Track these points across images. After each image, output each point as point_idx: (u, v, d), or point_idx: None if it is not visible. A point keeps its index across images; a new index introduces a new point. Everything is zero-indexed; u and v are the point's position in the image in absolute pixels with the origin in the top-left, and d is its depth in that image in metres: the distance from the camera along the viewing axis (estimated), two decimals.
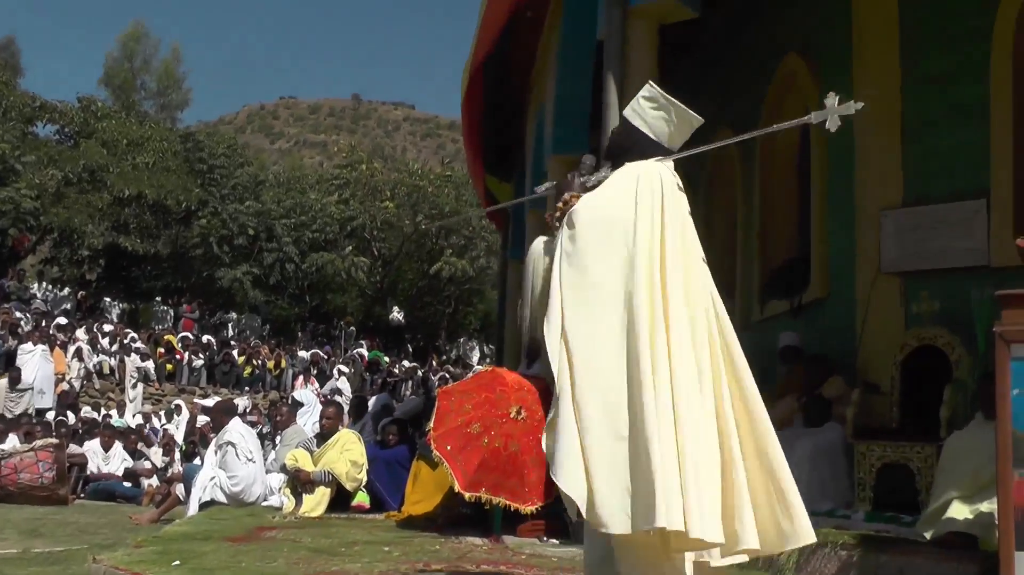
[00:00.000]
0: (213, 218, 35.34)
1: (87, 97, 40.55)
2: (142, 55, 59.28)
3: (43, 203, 31.48)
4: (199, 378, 24.97)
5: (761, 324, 10.07)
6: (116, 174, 34.15)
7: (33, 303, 28.11)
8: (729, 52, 11.37)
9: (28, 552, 7.90)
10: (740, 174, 11.07)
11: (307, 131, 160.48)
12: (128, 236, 34.18)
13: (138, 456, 16.21)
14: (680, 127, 3.95)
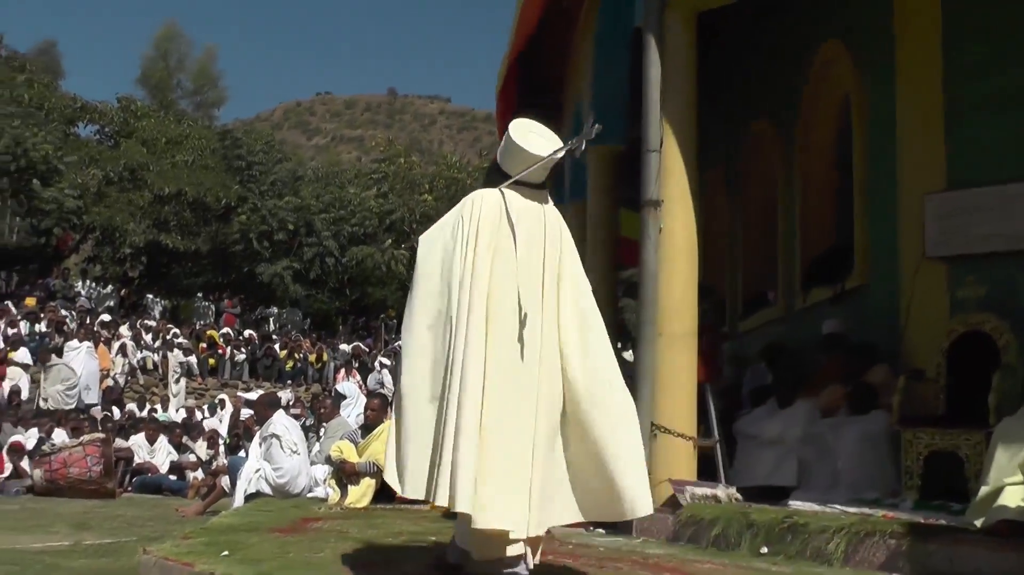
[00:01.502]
0: (253, 214, 35.53)
1: (126, 97, 41.01)
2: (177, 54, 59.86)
3: (85, 202, 31.83)
4: (241, 372, 25.17)
5: (804, 312, 10.00)
6: (156, 172, 34.47)
7: (78, 301, 28.44)
8: (765, 39, 11.29)
9: (79, 545, 7.99)
10: (779, 162, 10.99)
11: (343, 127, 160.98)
12: (169, 233, 34.46)
13: (183, 450, 16.37)
14: (517, 160, 4.47)
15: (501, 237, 4.34)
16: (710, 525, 6.25)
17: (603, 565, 5.15)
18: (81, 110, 37.59)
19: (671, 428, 6.84)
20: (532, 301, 4.28)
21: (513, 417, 4.10)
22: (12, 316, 22.81)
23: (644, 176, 7.11)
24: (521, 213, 4.41)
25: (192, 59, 61.79)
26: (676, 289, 7.04)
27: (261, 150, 38.36)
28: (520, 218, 4.39)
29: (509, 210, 4.39)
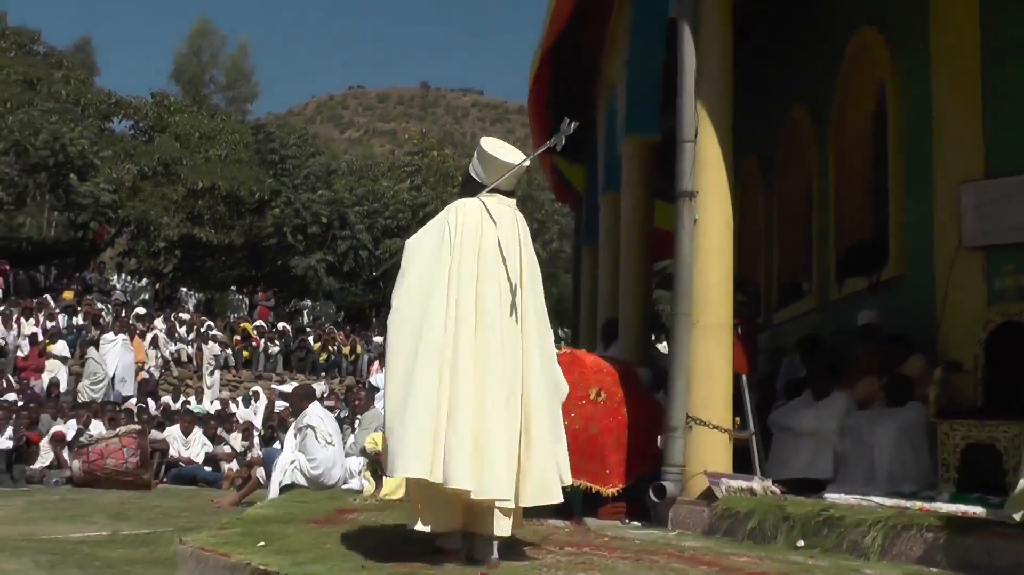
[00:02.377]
0: (286, 208, 35.69)
1: (160, 92, 41.23)
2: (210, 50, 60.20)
3: (120, 196, 32.08)
4: (275, 364, 25.29)
5: (839, 303, 9.94)
6: (189, 167, 34.68)
7: (113, 294, 28.68)
8: (799, 26, 11.21)
9: (116, 535, 8.08)
10: (814, 151, 10.91)
11: (376, 120, 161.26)
12: (202, 227, 34.70)
13: (218, 441, 16.47)
14: (492, 170, 5.02)
15: (484, 241, 4.86)
16: (746, 518, 6.21)
17: (639, 558, 5.14)
18: (116, 105, 37.86)
19: (706, 420, 6.81)
20: (510, 298, 4.85)
21: (496, 403, 4.65)
22: (50, 309, 23.05)
23: (679, 167, 7.07)
24: (500, 219, 4.95)
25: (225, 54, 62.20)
26: (711, 280, 7.01)
27: (294, 144, 38.50)
28: (499, 223, 4.93)
29: (492, 215, 4.92)
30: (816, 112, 10.83)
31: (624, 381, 7.36)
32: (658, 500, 6.79)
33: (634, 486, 7.08)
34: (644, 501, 6.97)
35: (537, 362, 4.90)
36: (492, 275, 4.83)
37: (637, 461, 7.11)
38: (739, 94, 7.38)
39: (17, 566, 6.11)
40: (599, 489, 6.99)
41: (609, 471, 7.02)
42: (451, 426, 4.55)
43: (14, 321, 21.22)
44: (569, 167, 16.22)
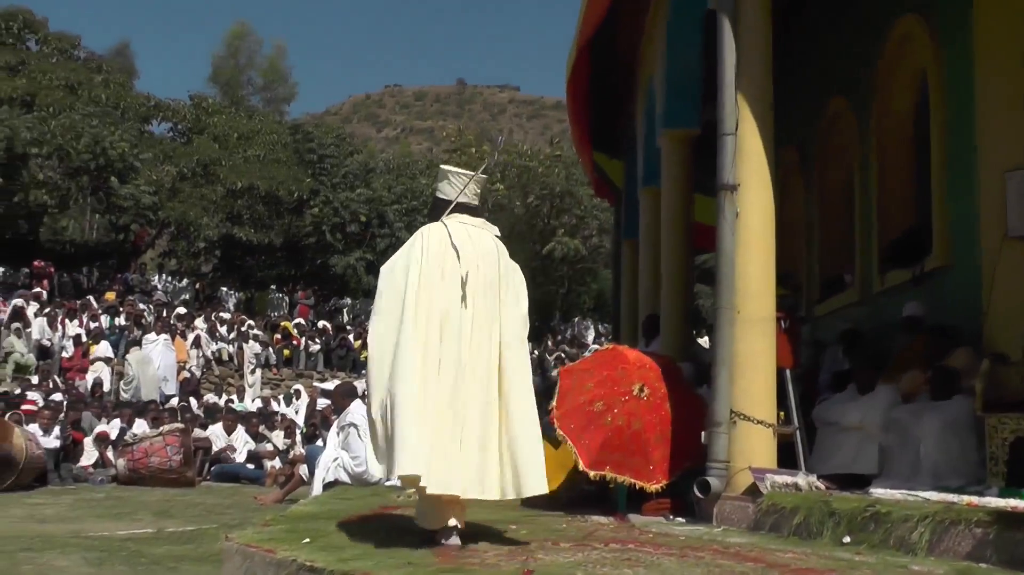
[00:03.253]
0: (325, 207, 35.86)
1: (198, 95, 41.59)
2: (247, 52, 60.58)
3: (160, 198, 32.39)
4: (316, 363, 25.40)
5: (882, 295, 9.84)
6: (228, 167, 34.96)
7: (154, 295, 28.97)
8: (839, 15, 11.11)
9: (162, 532, 8.17)
10: (854, 142, 10.81)
11: (413, 118, 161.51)
12: (242, 227, 34.95)
13: (260, 439, 16.57)
14: (453, 183, 5.62)
15: (447, 260, 5.33)
16: (791, 514, 6.14)
17: (684, 554, 5.11)
18: (155, 108, 38.24)
19: (750, 415, 6.76)
20: (476, 308, 5.33)
21: (459, 403, 5.12)
22: (93, 310, 23.32)
23: (720, 160, 7.02)
24: (463, 240, 5.42)
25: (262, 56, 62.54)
26: (753, 273, 6.95)
27: (332, 143, 38.67)
28: (462, 244, 5.39)
29: (452, 239, 5.38)
30: (857, 102, 10.72)
31: (667, 376, 7.32)
32: (702, 496, 6.74)
33: (678, 482, 7.03)
34: (688, 497, 6.91)
35: (514, 363, 5.42)
36: (457, 290, 5.30)
37: (681, 457, 7.07)
38: (778, 85, 7.31)
39: (67, 563, 6.20)
40: (643, 485, 6.95)
41: (653, 467, 6.98)
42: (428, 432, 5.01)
43: (59, 322, 21.50)
44: (608, 162, 16.17)
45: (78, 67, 36.77)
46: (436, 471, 4.99)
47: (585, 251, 37.65)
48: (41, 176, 29.40)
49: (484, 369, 5.27)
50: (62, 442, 13.83)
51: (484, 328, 5.33)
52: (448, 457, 5.04)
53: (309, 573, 4.77)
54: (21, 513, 9.48)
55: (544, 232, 38.15)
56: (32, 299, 22.98)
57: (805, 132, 12.25)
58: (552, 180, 37.04)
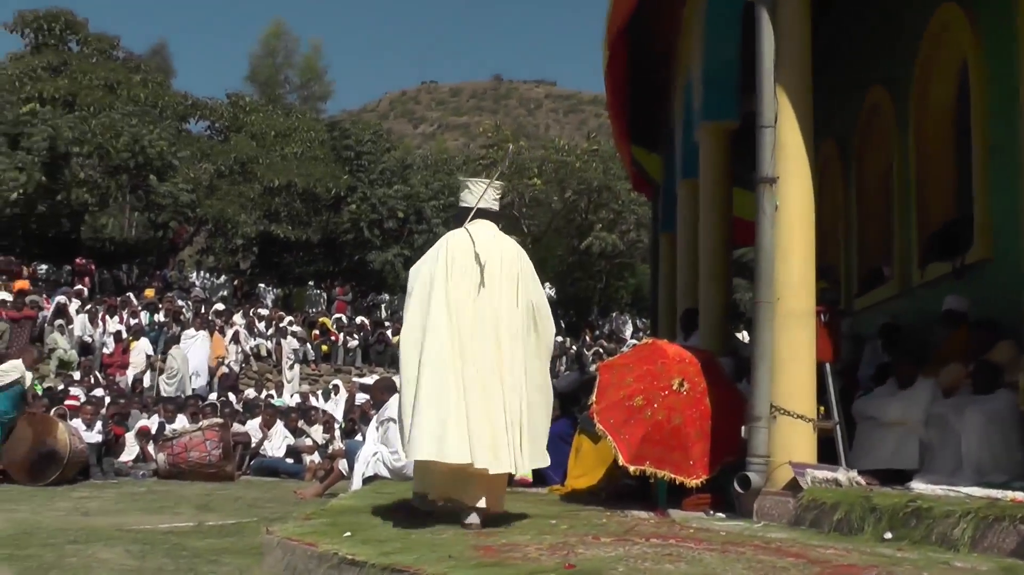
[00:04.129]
0: (362, 203, 36.02)
1: (235, 93, 41.89)
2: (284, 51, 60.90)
3: (198, 196, 32.64)
4: (354, 358, 25.47)
5: (922, 288, 9.73)
6: (266, 165, 35.20)
7: (193, 291, 29.22)
8: (877, 5, 11.00)
9: (202, 525, 8.23)
10: (894, 133, 10.71)
11: (449, 114, 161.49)
12: (279, 224, 35.19)
13: (299, 434, 16.66)
14: (472, 193, 6.27)
15: (469, 260, 5.94)
16: (832, 509, 6.10)
17: (726, 550, 5.09)
18: (192, 107, 38.57)
19: (790, 410, 6.72)
20: (493, 304, 5.90)
21: (480, 388, 5.70)
22: (133, 307, 23.56)
23: (759, 152, 6.97)
24: (486, 240, 6.06)
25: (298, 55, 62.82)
26: (793, 266, 6.90)
27: (369, 140, 38.82)
28: (486, 244, 6.03)
29: (475, 240, 6.01)
30: (896, 93, 10.61)
31: (707, 370, 7.28)
32: (742, 491, 6.71)
33: (718, 477, 7.00)
34: (728, 492, 6.89)
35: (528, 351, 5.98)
36: (474, 290, 5.90)
37: (721, 452, 7.03)
38: (816, 76, 7.26)
39: (110, 555, 6.25)
40: (683, 480, 6.92)
41: (693, 462, 6.95)
42: (447, 415, 5.59)
43: (100, 319, 21.72)
44: (646, 156, 16.10)
45: (117, 67, 37.14)
46: (452, 444, 5.56)
47: (623, 246, 37.54)
48: (82, 175, 29.76)
49: (507, 359, 5.84)
50: (103, 437, 13.97)
51: (504, 322, 5.89)
52: (463, 432, 5.58)
53: (351, 566, 4.79)
54: (66, 506, 9.59)
55: (582, 227, 38.08)
56: (74, 296, 23.28)
57: (843, 124, 12.14)
58: (589, 175, 36.89)
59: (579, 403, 9.48)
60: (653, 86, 13.31)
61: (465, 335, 5.79)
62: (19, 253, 29.09)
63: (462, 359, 5.73)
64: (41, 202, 29.69)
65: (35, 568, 5.67)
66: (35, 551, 6.36)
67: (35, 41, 36.37)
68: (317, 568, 5.04)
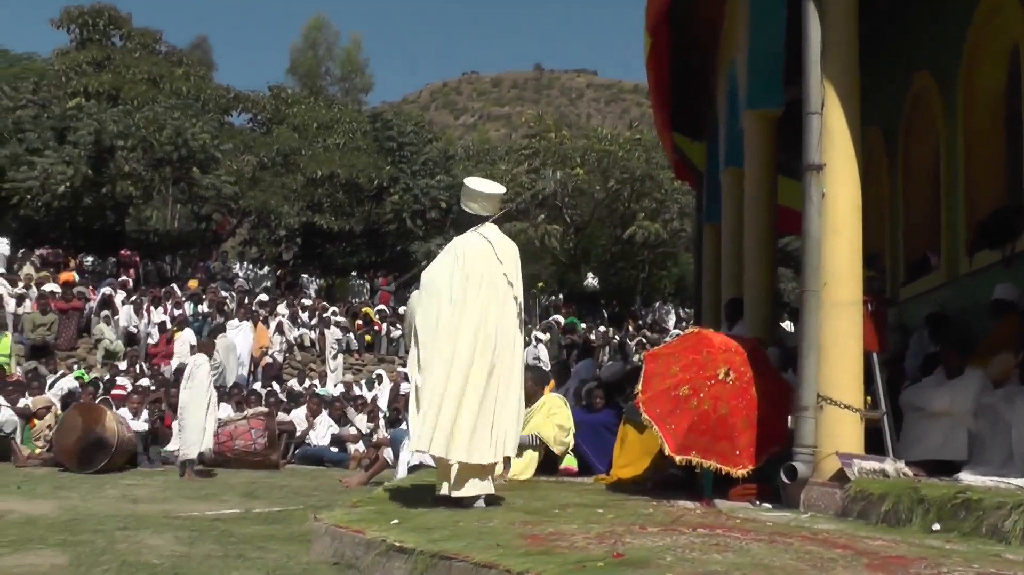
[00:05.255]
0: (405, 194, 36.05)
1: (277, 86, 42.07)
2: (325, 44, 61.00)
3: (241, 187, 32.82)
4: (398, 348, 25.42)
5: (970, 277, 9.62)
6: (308, 156, 35.34)
7: (236, 282, 29.35)
8: None
9: (249, 512, 8.30)
10: (941, 120, 10.56)
11: (490, 105, 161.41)
12: (322, 215, 35.30)
13: (344, 423, 16.74)
14: (486, 202, 6.64)
15: (477, 265, 6.30)
16: (879, 500, 6.06)
17: (773, 540, 5.07)
18: (234, 100, 38.80)
19: (837, 400, 6.67)
20: (508, 308, 6.34)
21: (485, 387, 6.13)
22: (177, 298, 23.73)
23: (805, 139, 6.91)
24: (501, 249, 6.46)
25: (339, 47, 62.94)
26: (840, 255, 6.84)
27: (411, 131, 38.82)
28: (501, 253, 6.43)
29: (495, 249, 6.43)
30: (943, 79, 10.47)
31: (753, 360, 7.23)
32: (789, 482, 6.67)
33: (764, 467, 6.96)
34: (774, 483, 6.85)
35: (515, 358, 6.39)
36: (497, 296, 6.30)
37: (767, 442, 6.99)
38: (861, 62, 7.19)
39: (159, 542, 6.32)
40: (729, 470, 6.90)
41: (739, 452, 6.91)
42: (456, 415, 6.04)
43: (144, 310, 21.92)
44: (689, 144, 15.98)
45: (160, 61, 37.45)
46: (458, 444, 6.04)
47: (666, 235, 37.14)
48: (127, 168, 29.97)
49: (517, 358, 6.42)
50: (149, 425, 14.11)
51: (513, 323, 6.35)
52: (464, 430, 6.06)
53: (399, 553, 4.83)
54: (115, 494, 9.71)
55: (625, 216, 37.74)
56: (119, 287, 23.48)
57: (888, 110, 11.98)
58: (632, 164, 36.50)
59: (624, 392, 9.45)
60: (695, 74, 13.21)
61: (490, 340, 6.20)
62: (66, 245, 29.43)
63: (484, 362, 6.17)
64: (87, 195, 29.96)
65: (87, 554, 5.73)
66: (87, 537, 6.44)
67: (80, 36, 36.73)
68: (365, 555, 5.08)
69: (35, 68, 36.54)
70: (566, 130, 40.90)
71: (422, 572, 4.64)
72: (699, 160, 16.07)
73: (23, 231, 29.97)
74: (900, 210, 11.98)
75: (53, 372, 17.78)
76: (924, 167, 11.29)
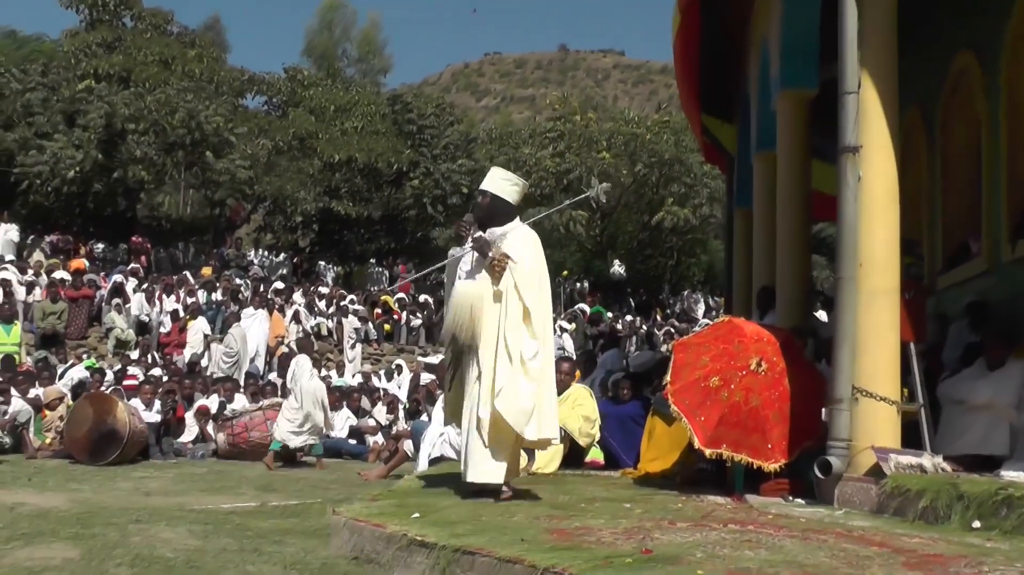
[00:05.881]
0: (425, 178, 35.76)
1: (293, 67, 41.84)
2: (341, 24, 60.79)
3: (256, 172, 32.63)
4: (418, 337, 25.30)
5: (1012, 265, 9.38)
6: (325, 140, 35.14)
7: (251, 269, 29.21)
8: None
9: (265, 506, 8.19)
10: (982, 101, 10.30)
11: (514, 86, 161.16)
12: (340, 200, 35.08)
13: (362, 415, 16.60)
14: (520, 192, 6.77)
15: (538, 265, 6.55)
16: (917, 497, 5.95)
17: (807, 537, 4.98)
18: (249, 82, 38.58)
19: (873, 392, 6.50)
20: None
21: None
22: (190, 286, 23.56)
23: (841, 120, 6.73)
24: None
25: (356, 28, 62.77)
26: (877, 242, 6.67)
27: (432, 114, 38.47)
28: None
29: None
30: (985, 58, 10.18)
31: (786, 350, 7.05)
32: (823, 476, 6.52)
33: (797, 461, 6.81)
34: (808, 477, 6.70)
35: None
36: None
37: (800, 435, 6.83)
38: (900, 41, 6.99)
39: (173, 535, 6.24)
40: (761, 464, 6.74)
41: (771, 446, 6.75)
42: None
43: (156, 298, 21.81)
44: (720, 127, 15.75)
45: (172, 42, 37.18)
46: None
47: (695, 221, 36.63)
48: (138, 152, 29.82)
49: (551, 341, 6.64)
50: (162, 416, 13.97)
51: None
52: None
53: (420, 548, 4.78)
54: (127, 486, 9.60)
55: (652, 202, 37.34)
56: (131, 275, 23.36)
57: (928, 90, 11.68)
58: (660, 147, 36.06)
59: (652, 384, 9.27)
60: (726, 53, 12.97)
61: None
62: (76, 232, 29.36)
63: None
64: (98, 180, 29.78)
65: (100, 547, 5.65)
66: (99, 530, 6.35)
67: (90, 17, 36.47)
68: (386, 549, 5.02)
69: (44, 50, 36.49)
70: (592, 113, 40.50)
71: (444, 567, 4.57)
72: (730, 143, 15.83)
73: (33, 217, 29.88)
74: (939, 194, 11.67)
75: (63, 362, 17.68)
76: (965, 150, 11.00)
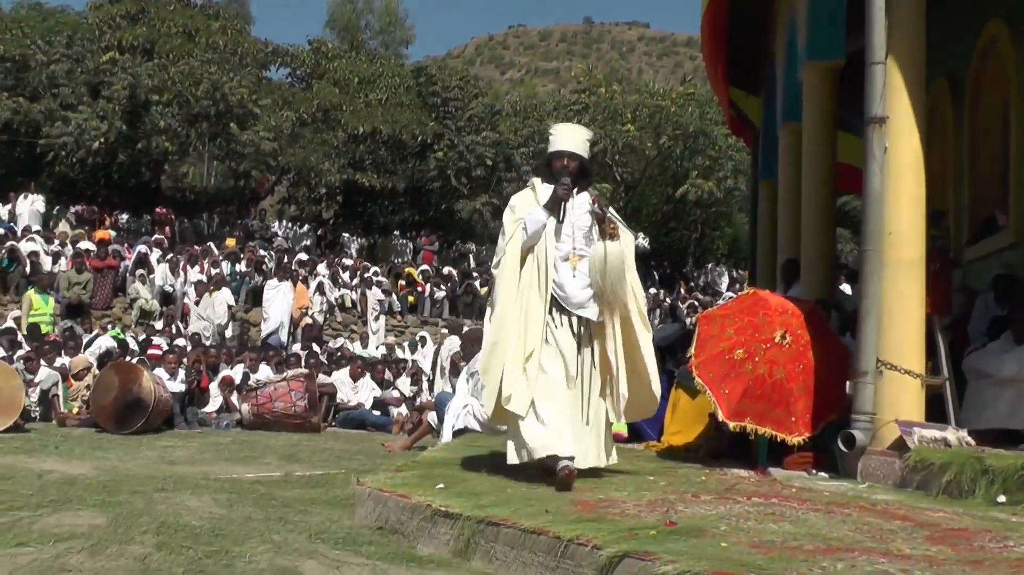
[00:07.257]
0: (450, 151, 35.63)
1: (317, 39, 41.73)
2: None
3: (280, 144, 32.62)
4: (441, 310, 25.29)
5: None
6: (349, 112, 35.05)
7: (275, 241, 29.26)
8: None
9: (290, 475, 8.21)
10: (1013, 71, 10.16)
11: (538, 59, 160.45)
12: (364, 172, 35.01)
13: (386, 386, 16.64)
14: None
15: None
16: (941, 471, 5.92)
17: (830, 510, 4.96)
18: (273, 54, 38.53)
19: (898, 365, 6.47)
20: None
21: None
22: (214, 257, 23.63)
23: (868, 91, 6.66)
24: None
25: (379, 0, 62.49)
26: (903, 213, 6.62)
27: (457, 86, 38.33)
28: None
29: None
30: (1016, 27, 10.03)
31: (811, 323, 7.01)
32: (847, 450, 6.50)
33: (821, 435, 6.78)
34: (831, 451, 6.68)
35: None
36: None
37: (824, 408, 6.80)
38: (928, 9, 6.91)
39: (198, 503, 6.25)
40: (784, 438, 6.71)
41: (795, 419, 6.72)
42: None
43: (180, 268, 21.88)
44: (745, 99, 15.60)
45: (196, 14, 37.13)
46: None
47: (719, 193, 36.39)
48: (162, 123, 29.87)
49: None
50: (187, 386, 14.06)
51: None
52: None
53: (445, 518, 4.77)
54: (152, 455, 9.65)
55: (677, 174, 37.12)
56: (155, 246, 23.43)
57: (956, 61, 11.53)
58: (685, 120, 35.73)
59: (676, 356, 9.24)
60: (753, 24, 12.84)
61: None
62: (101, 203, 29.53)
63: None
64: (122, 151, 29.91)
65: (126, 515, 5.64)
66: (125, 498, 6.36)
67: None
68: (410, 520, 5.01)
69: (69, 22, 36.45)
70: (617, 85, 40.20)
71: (469, 538, 4.57)
72: (755, 115, 15.69)
73: (58, 188, 30.07)
74: (966, 166, 11.53)
75: (88, 331, 17.80)
76: (993, 121, 10.86)
